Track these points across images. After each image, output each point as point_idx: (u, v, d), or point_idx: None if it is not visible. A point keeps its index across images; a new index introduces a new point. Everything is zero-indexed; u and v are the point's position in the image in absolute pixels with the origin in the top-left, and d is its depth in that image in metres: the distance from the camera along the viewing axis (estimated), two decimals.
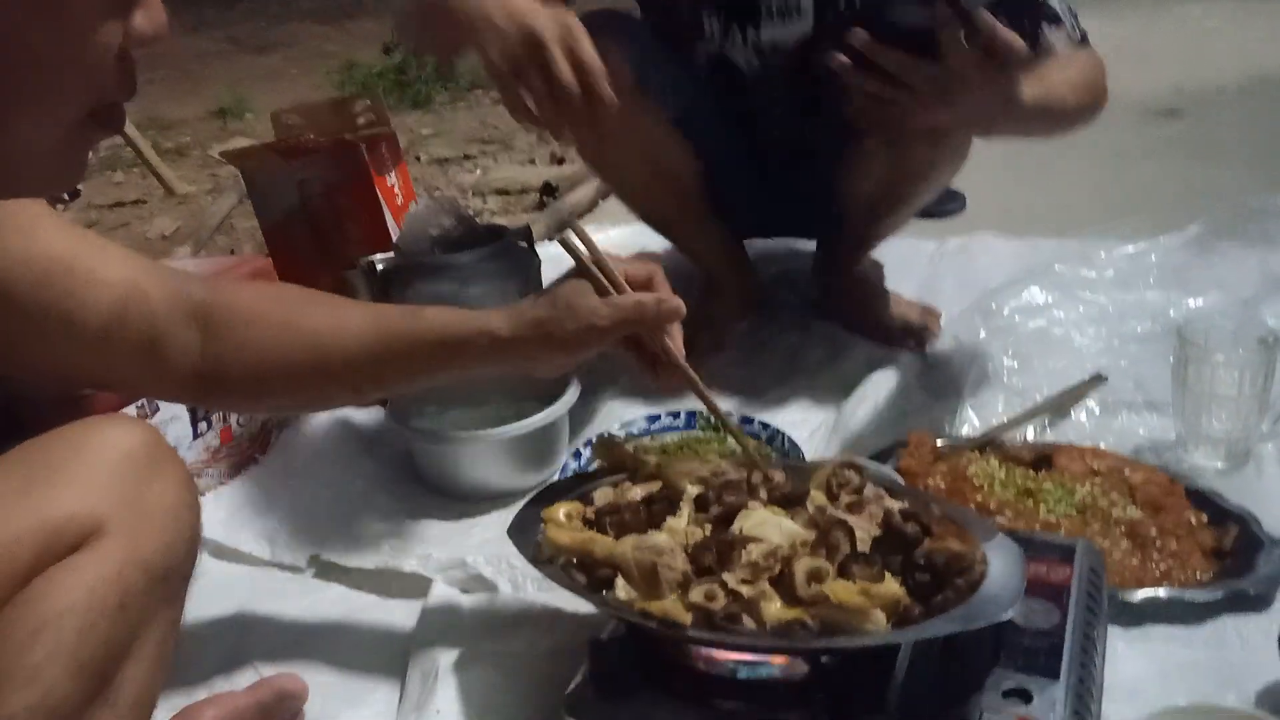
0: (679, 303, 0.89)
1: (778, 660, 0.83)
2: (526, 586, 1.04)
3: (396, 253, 1.51)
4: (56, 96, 0.52)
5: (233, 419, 1.29)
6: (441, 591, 1.03)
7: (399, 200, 1.90)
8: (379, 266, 1.54)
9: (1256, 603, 0.93)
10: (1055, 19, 1.27)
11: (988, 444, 1.19)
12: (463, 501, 1.20)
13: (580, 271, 0.92)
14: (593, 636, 0.86)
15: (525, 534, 0.90)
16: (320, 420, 1.37)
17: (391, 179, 1.94)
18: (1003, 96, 1.08)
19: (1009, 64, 1.04)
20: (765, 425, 1.27)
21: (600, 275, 0.91)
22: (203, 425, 1.26)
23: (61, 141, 0.54)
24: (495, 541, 1.01)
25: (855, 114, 1.15)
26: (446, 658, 0.93)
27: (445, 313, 0.92)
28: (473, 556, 1.06)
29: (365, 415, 1.37)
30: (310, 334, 0.88)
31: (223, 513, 1.19)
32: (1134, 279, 1.59)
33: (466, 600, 1.02)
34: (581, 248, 0.93)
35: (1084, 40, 1.31)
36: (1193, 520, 1.03)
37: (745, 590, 0.80)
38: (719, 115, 1.51)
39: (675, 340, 0.93)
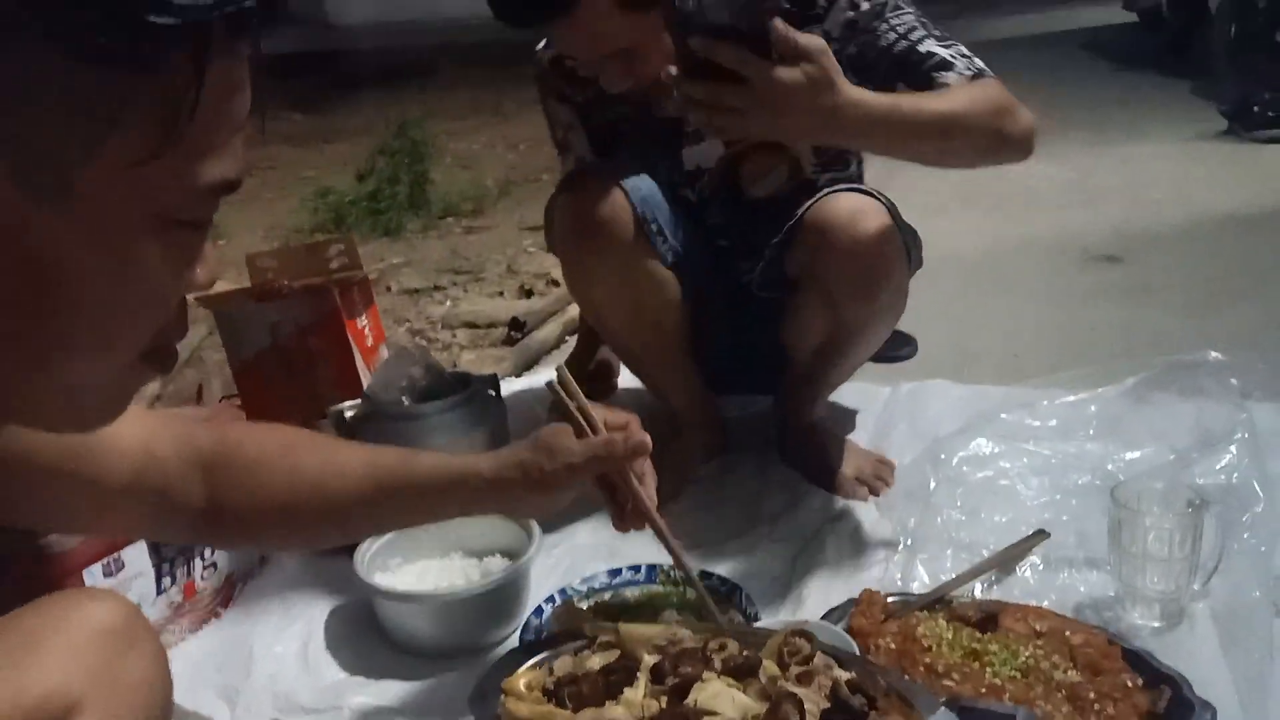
0: (646, 438, 0.98)
1: None
2: None
3: (365, 401, 1.55)
4: (117, 341, 0.54)
5: (196, 574, 1.31)
6: None
7: (369, 342, 1.96)
8: (348, 415, 1.58)
9: None
10: (945, 66, 1.33)
11: (936, 601, 1.23)
12: (424, 659, 1.22)
13: (562, 415, 0.99)
14: None
15: (485, 703, 0.93)
16: (286, 572, 1.39)
17: (362, 321, 2.00)
18: (818, 96, 1.10)
19: (810, 59, 1.08)
20: (724, 580, 1.30)
21: (580, 419, 0.98)
22: (166, 580, 1.27)
23: (114, 381, 0.56)
24: (458, 700, 1.03)
25: (697, 121, 1.21)
26: None
27: (435, 457, 1.00)
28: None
29: (331, 566, 1.39)
30: (310, 478, 0.94)
31: (184, 671, 1.20)
32: (1074, 429, 1.65)
33: None
34: (565, 393, 1.00)
35: (979, 75, 1.33)
36: (1129, 683, 1.07)
37: None
38: (701, 256, 1.59)
39: (647, 488, 1.00)
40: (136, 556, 1.23)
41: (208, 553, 1.33)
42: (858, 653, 1.06)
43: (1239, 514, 1.28)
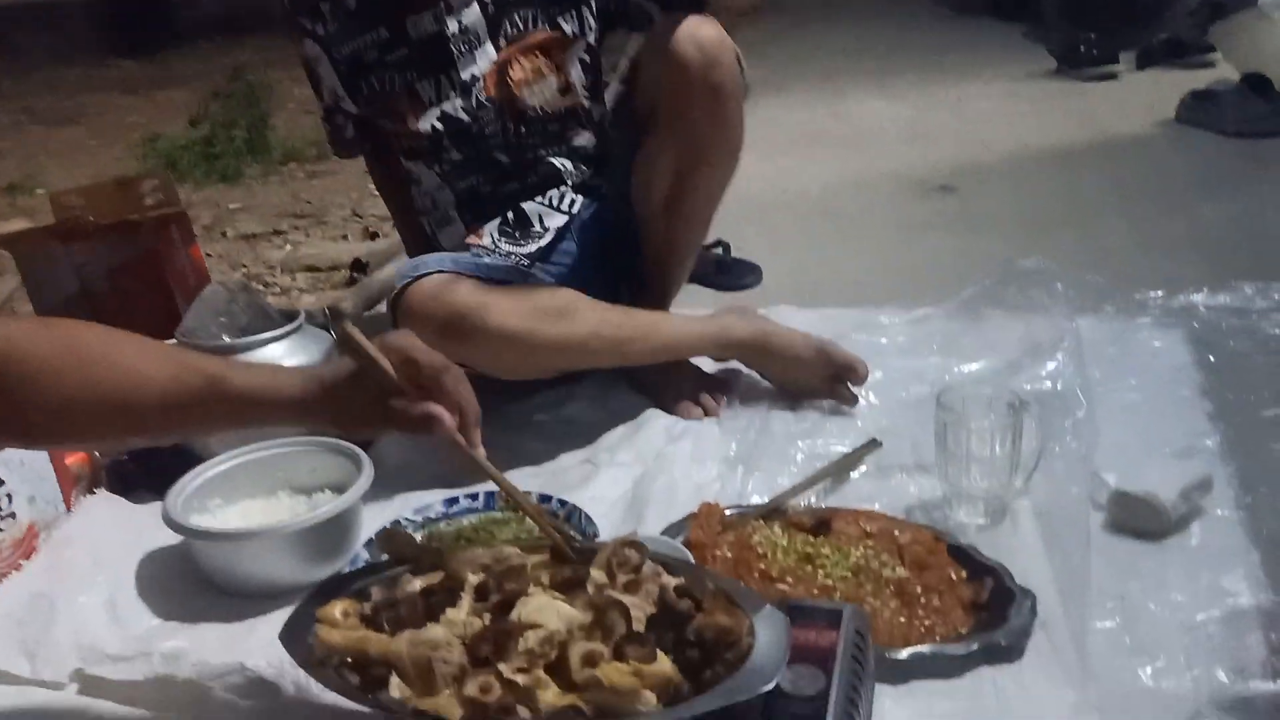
0: (448, 420, 0.92)
1: None
2: (311, 688, 1.00)
3: (180, 340, 1.46)
4: None
5: None
6: (219, 699, 0.99)
7: (191, 283, 1.84)
8: None
9: (1009, 653, 1.00)
10: None
11: (773, 512, 1.24)
12: (248, 600, 1.16)
13: (363, 366, 0.93)
14: None
15: (297, 635, 0.88)
16: (94, 519, 1.29)
17: (182, 260, 1.88)
18: None
19: None
20: (563, 503, 1.28)
21: (381, 363, 0.92)
22: None
23: None
24: (279, 645, 0.98)
25: None
26: None
27: (248, 371, 0.98)
28: (252, 660, 1.02)
29: (145, 511, 1.30)
30: (111, 386, 0.89)
31: None
32: (918, 345, 1.69)
33: (245, 706, 0.98)
34: (363, 341, 0.93)
35: None
36: (954, 576, 1.10)
37: (521, 679, 0.80)
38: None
39: (468, 430, 0.95)
40: None
41: (5, 502, 1.23)
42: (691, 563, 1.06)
43: (1062, 418, 1.33)
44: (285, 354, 1.44)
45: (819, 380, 1.54)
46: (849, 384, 1.53)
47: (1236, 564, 1.10)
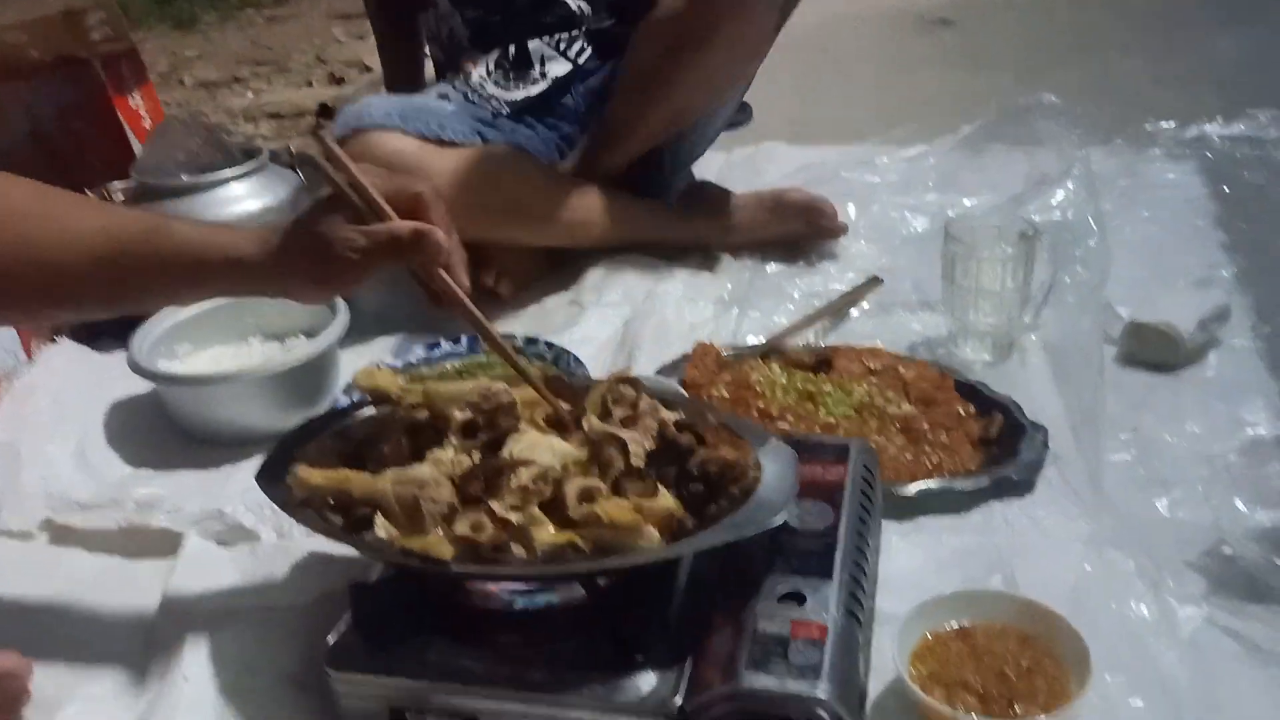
0: (441, 237, 0.80)
1: (556, 588, 0.79)
2: (293, 534, 0.96)
3: (136, 178, 1.36)
4: None
5: None
6: (195, 546, 0.94)
7: (146, 123, 1.73)
8: (119, 195, 1.40)
9: (1019, 488, 0.96)
10: None
11: (771, 351, 1.18)
12: (222, 448, 1.10)
13: (335, 194, 0.83)
14: (354, 581, 0.80)
15: (275, 476, 0.82)
16: (56, 368, 1.23)
17: (135, 100, 1.76)
18: None
19: None
20: (550, 345, 1.22)
21: (357, 199, 0.83)
22: None
23: None
24: (258, 489, 0.93)
25: None
26: (198, 619, 0.84)
27: (192, 229, 0.83)
28: (231, 505, 0.97)
29: (110, 358, 1.24)
30: (43, 243, 0.79)
31: None
32: (913, 183, 1.62)
33: (224, 554, 0.94)
34: (335, 167, 0.83)
35: None
36: (961, 412, 1.05)
37: (514, 517, 0.75)
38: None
39: (454, 270, 0.85)
40: None
41: None
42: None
43: (1072, 248, 1.27)
44: (248, 194, 1.35)
45: (793, 231, 1.46)
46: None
47: (1255, 394, 1.06)
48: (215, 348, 1.21)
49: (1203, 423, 1.03)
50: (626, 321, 1.31)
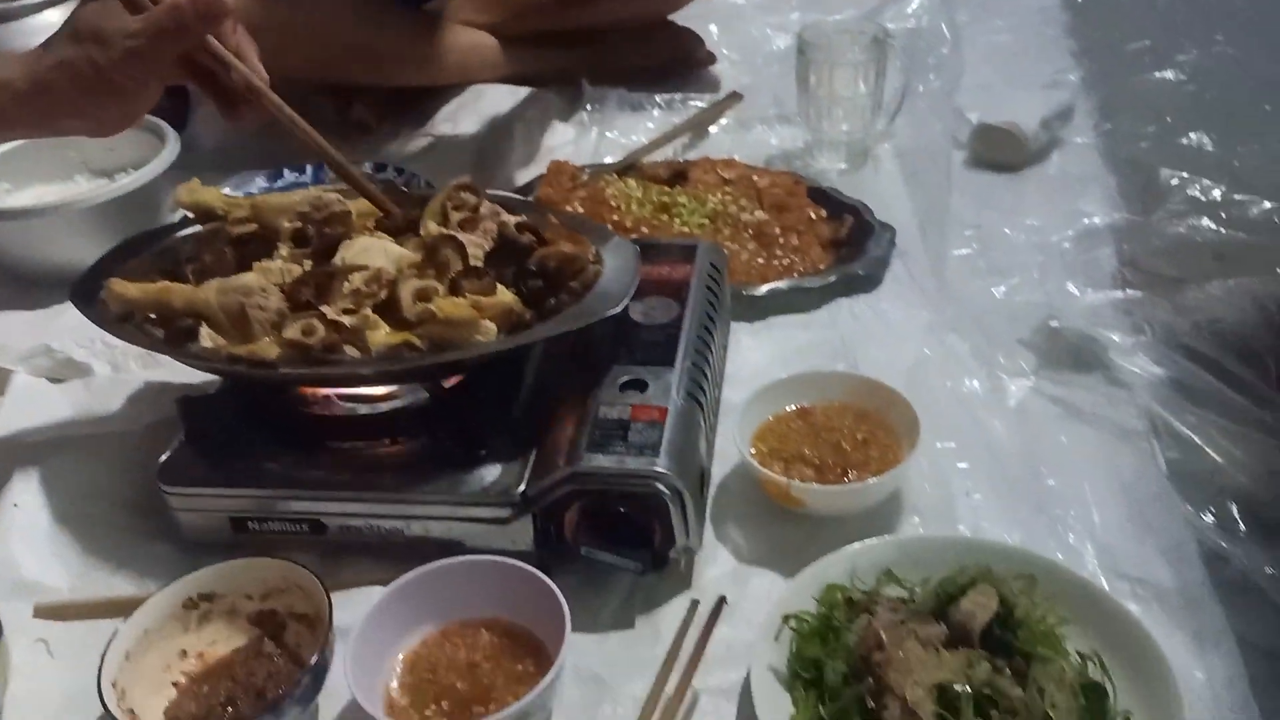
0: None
1: (399, 390, 0.78)
2: (129, 366, 0.92)
3: None
4: None
5: None
6: (22, 382, 0.90)
7: None
8: None
9: (866, 283, 0.98)
10: None
11: (628, 167, 1.16)
12: (50, 288, 1.04)
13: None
14: (182, 395, 0.77)
15: (91, 295, 0.78)
16: None
17: None
18: None
19: None
20: (400, 170, 1.17)
21: None
22: None
23: None
24: (88, 325, 0.88)
25: None
26: (26, 449, 0.81)
27: None
28: (59, 341, 0.92)
29: None
30: None
31: None
32: (778, 1, 1.58)
33: (54, 389, 0.89)
34: None
35: None
36: (812, 215, 1.06)
37: (347, 320, 0.73)
38: None
39: (248, 59, 0.80)
40: None
41: None
42: None
43: (925, 56, 1.27)
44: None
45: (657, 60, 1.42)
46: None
47: (1093, 188, 1.09)
48: (38, 186, 1.14)
49: (1042, 216, 1.05)
50: (482, 149, 1.27)
